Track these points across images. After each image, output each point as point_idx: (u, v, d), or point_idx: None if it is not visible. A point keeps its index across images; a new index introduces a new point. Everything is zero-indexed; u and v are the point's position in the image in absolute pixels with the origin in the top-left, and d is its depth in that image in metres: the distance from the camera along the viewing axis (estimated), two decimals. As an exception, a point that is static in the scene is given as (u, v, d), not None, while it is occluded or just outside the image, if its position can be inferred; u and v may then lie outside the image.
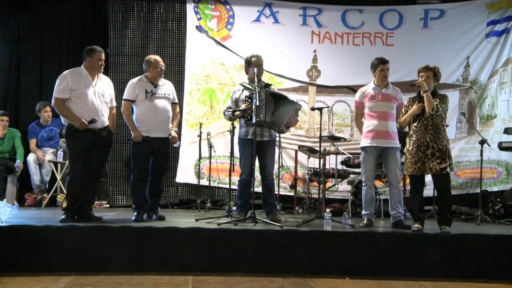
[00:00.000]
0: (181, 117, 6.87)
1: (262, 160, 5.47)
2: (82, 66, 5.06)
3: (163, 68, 5.41)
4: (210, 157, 6.94)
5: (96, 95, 5.00)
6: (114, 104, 5.30)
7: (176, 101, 5.58)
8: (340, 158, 6.63)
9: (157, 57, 5.40)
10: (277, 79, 7.54)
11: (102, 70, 5.12)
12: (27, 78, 7.77)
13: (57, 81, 4.96)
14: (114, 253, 4.44)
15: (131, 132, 5.27)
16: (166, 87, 5.42)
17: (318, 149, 5.90)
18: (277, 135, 5.84)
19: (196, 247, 4.51)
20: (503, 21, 7.55)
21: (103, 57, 5.09)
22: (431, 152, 4.88)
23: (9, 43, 7.75)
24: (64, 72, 5.03)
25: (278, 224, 4.96)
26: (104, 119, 5.07)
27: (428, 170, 4.90)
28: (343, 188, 7.40)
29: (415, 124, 5.01)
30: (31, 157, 7.15)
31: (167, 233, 4.59)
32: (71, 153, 5.02)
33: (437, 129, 4.91)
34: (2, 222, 4.61)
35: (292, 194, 7.18)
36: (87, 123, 4.87)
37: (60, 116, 5.10)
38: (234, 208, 5.55)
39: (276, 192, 6.29)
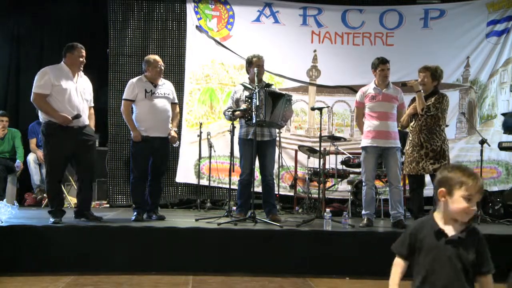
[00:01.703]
0: (181, 117, 6.86)
1: (262, 160, 5.46)
2: (62, 62, 4.96)
3: (163, 68, 5.40)
4: (210, 157, 6.93)
5: (78, 92, 4.92)
6: (92, 104, 5.23)
7: (176, 101, 5.58)
8: (340, 158, 6.64)
9: (156, 57, 5.40)
10: (277, 79, 7.53)
11: (82, 68, 5.01)
12: (27, 78, 7.68)
13: (37, 77, 4.83)
14: (114, 253, 4.44)
15: (131, 132, 5.27)
16: (165, 86, 5.41)
17: (318, 149, 5.90)
18: (277, 135, 5.83)
19: (196, 247, 4.51)
20: (503, 21, 7.55)
21: (84, 53, 4.99)
22: (425, 152, 4.90)
23: (9, 43, 7.74)
24: (44, 68, 4.91)
25: (278, 224, 4.96)
26: (85, 117, 4.99)
27: (422, 170, 4.91)
28: (343, 188, 7.39)
29: (412, 124, 5.08)
30: (31, 157, 7.14)
31: (167, 233, 4.59)
32: (49, 152, 4.85)
33: (430, 129, 4.92)
34: (2, 222, 4.61)
35: (292, 194, 7.18)
36: (71, 118, 4.77)
37: (39, 113, 4.93)
38: (234, 208, 5.56)
39: (276, 192, 6.28)
